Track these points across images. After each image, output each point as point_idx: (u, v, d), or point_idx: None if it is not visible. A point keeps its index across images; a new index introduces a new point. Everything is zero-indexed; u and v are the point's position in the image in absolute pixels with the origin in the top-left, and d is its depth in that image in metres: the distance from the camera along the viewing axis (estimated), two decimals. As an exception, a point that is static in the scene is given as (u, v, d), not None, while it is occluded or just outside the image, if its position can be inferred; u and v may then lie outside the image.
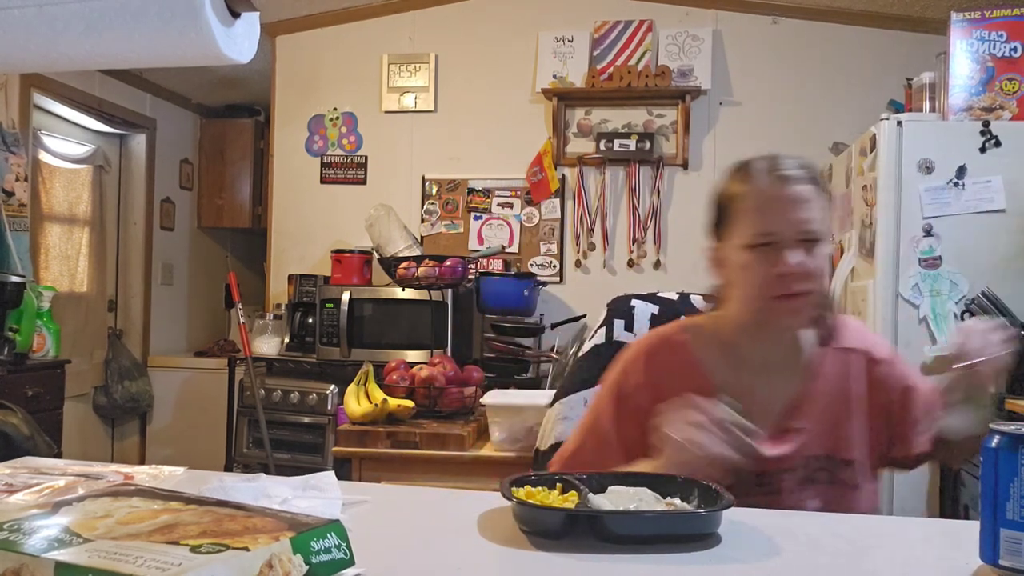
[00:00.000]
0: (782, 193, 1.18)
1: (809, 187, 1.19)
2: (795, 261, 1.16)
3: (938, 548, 0.92)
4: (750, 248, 1.19)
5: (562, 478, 1.03)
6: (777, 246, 1.17)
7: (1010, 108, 2.59)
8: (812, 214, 1.18)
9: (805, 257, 1.17)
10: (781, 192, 1.18)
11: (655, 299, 1.62)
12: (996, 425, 0.81)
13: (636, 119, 3.91)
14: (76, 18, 0.71)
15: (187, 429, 4.60)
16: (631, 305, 1.60)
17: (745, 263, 1.20)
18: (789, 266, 1.16)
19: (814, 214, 1.18)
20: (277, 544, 0.67)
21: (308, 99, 4.26)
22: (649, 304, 1.60)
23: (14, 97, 3.70)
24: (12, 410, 2.84)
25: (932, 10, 3.58)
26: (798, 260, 1.16)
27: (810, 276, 1.17)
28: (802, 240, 1.17)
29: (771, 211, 1.18)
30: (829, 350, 1.29)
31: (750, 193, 1.20)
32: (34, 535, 0.70)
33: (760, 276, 1.19)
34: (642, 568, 0.83)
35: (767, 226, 1.18)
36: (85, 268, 4.49)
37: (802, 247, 1.17)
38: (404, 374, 2.66)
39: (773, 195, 1.19)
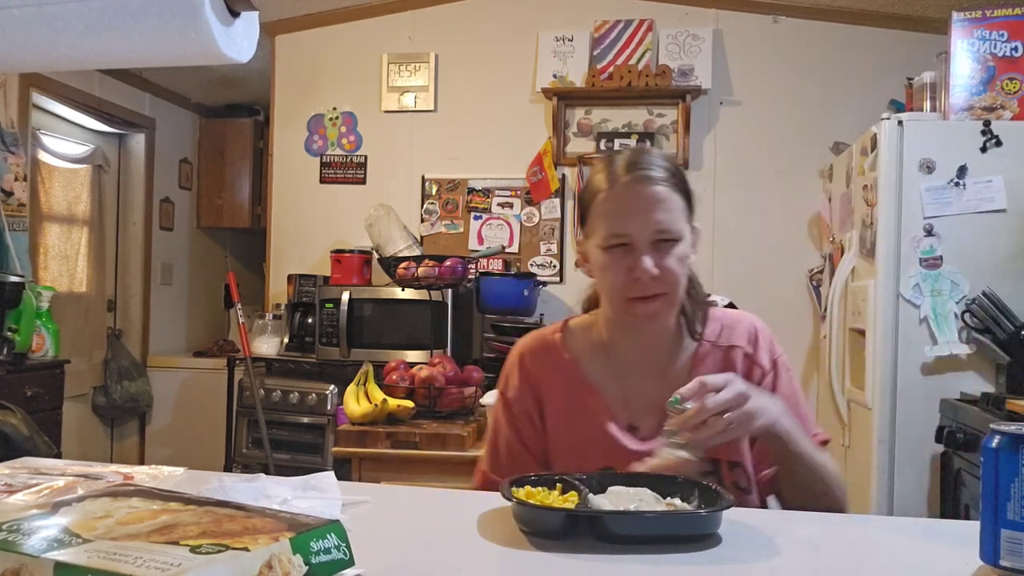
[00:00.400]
0: (637, 194, 1.18)
1: (666, 187, 1.18)
2: (648, 264, 1.15)
3: (938, 548, 0.92)
4: (606, 249, 1.19)
5: (562, 478, 1.03)
6: (631, 248, 1.17)
7: (1011, 108, 2.59)
8: (667, 216, 1.17)
9: (660, 258, 1.16)
10: (636, 193, 1.18)
11: None
12: (996, 425, 0.81)
13: (636, 119, 3.91)
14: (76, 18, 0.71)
15: (186, 429, 4.60)
16: None
17: (603, 263, 1.20)
18: (643, 269, 1.15)
19: (669, 216, 1.17)
20: (277, 544, 0.67)
21: (308, 99, 4.25)
22: None
23: (13, 97, 3.70)
24: (11, 410, 2.84)
25: (933, 9, 3.58)
26: (651, 263, 1.16)
27: (665, 278, 1.17)
28: (657, 241, 1.16)
29: (625, 212, 1.17)
30: (711, 347, 1.28)
31: (607, 192, 1.19)
32: (34, 535, 0.70)
33: (616, 277, 1.19)
34: (642, 568, 0.83)
35: (620, 227, 1.17)
36: (84, 268, 4.49)
37: (657, 248, 1.17)
38: (404, 374, 2.65)
39: (628, 196, 1.18)
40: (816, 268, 3.69)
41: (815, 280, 3.67)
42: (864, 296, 2.70)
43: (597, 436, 1.24)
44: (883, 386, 2.59)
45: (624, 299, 1.20)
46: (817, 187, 3.70)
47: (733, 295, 3.69)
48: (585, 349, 1.31)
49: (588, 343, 1.31)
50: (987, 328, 2.46)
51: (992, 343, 2.47)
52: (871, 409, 2.63)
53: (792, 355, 3.66)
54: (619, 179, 1.19)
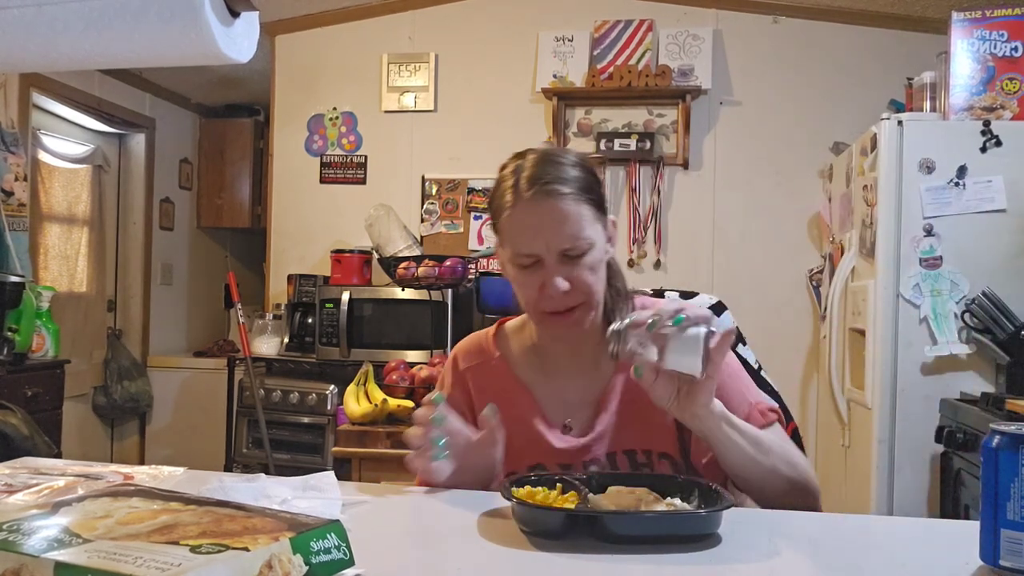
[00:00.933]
0: (541, 213, 1.14)
1: (569, 201, 1.15)
2: (559, 281, 1.14)
3: (938, 548, 0.92)
4: (517, 266, 1.18)
5: (562, 478, 1.03)
6: (540, 264, 1.16)
7: (1011, 108, 2.59)
8: (573, 229, 1.14)
9: (571, 272, 1.15)
10: (540, 212, 1.14)
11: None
12: (996, 425, 0.81)
13: (636, 119, 3.91)
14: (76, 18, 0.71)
15: (187, 429, 4.60)
16: None
17: (515, 279, 1.20)
18: (553, 286, 1.14)
19: (575, 228, 1.14)
20: (277, 544, 0.67)
21: (308, 99, 4.26)
22: None
23: (13, 97, 3.70)
24: (12, 410, 2.84)
25: (933, 10, 3.58)
26: (562, 280, 1.14)
27: (577, 291, 1.16)
28: (567, 255, 1.15)
29: (531, 232, 1.15)
30: None
31: (512, 208, 1.16)
32: (34, 535, 0.70)
33: (529, 294, 1.18)
34: (642, 568, 0.83)
35: (527, 247, 1.15)
36: (84, 268, 4.49)
37: (566, 263, 1.15)
38: (404, 374, 2.65)
39: (532, 215, 1.15)
40: (816, 268, 3.69)
41: (815, 280, 3.67)
42: (864, 296, 2.70)
43: (526, 435, 1.24)
44: (883, 386, 2.59)
45: (539, 313, 1.20)
46: (817, 187, 3.70)
47: (733, 295, 3.69)
48: (517, 350, 1.32)
49: (520, 344, 1.32)
50: (987, 328, 2.46)
51: (992, 343, 2.47)
52: (871, 409, 2.63)
53: (792, 355, 3.70)
54: (523, 196, 1.15)
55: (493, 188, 1.23)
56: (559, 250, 1.14)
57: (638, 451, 1.21)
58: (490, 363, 1.32)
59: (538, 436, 1.24)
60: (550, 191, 1.14)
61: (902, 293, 2.58)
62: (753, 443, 1.09)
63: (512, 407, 1.25)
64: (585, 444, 1.22)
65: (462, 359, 1.35)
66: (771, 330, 3.68)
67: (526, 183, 1.15)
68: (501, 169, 1.23)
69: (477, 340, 1.37)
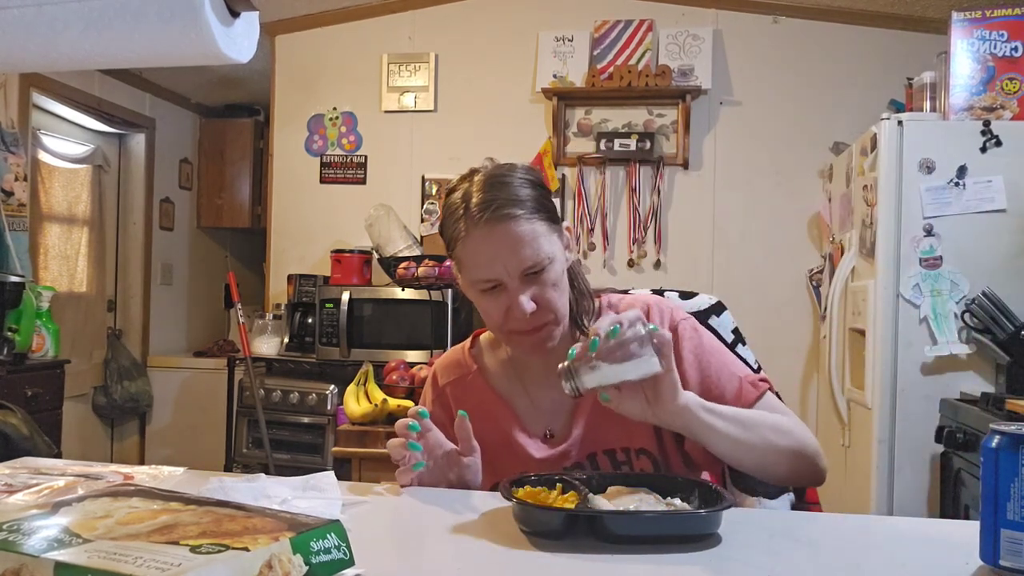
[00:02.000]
0: (496, 239, 1.14)
1: (522, 222, 1.14)
2: (524, 303, 1.14)
3: (938, 548, 0.92)
4: (478, 291, 1.18)
5: (562, 478, 1.03)
6: (503, 287, 1.16)
7: (1011, 108, 2.59)
8: (530, 250, 1.13)
9: (534, 291, 1.15)
10: (495, 238, 1.14)
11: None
12: (996, 425, 0.81)
13: (636, 119, 3.91)
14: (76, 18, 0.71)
15: (187, 429, 4.60)
16: None
17: (479, 304, 1.20)
18: (519, 308, 1.14)
19: (532, 248, 1.14)
20: (277, 544, 0.67)
21: (308, 99, 4.26)
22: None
23: (13, 97, 3.70)
24: (12, 410, 2.84)
25: (933, 10, 3.58)
26: (527, 300, 1.14)
27: (545, 307, 1.16)
28: (528, 274, 1.15)
29: (488, 259, 1.14)
30: None
31: (465, 240, 1.16)
32: (34, 535, 0.70)
33: (495, 318, 1.19)
34: (642, 568, 0.83)
35: (488, 274, 1.15)
36: (84, 268, 4.49)
37: (528, 282, 1.15)
38: (404, 374, 2.66)
39: (487, 242, 1.14)
40: (816, 268, 3.69)
41: (815, 280, 3.67)
42: (864, 296, 2.70)
43: (506, 446, 1.25)
44: (883, 386, 2.59)
45: (508, 333, 1.20)
46: (817, 187, 3.70)
47: (733, 295, 3.69)
48: (493, 362, 1.33)
49: (495, 356, 1.33)
50: (987, 328, 2.46)
51: (992, 343, 2.47)
52: (871, 409, 2.63)
53: (792, 355, 3.71)
54: (476, 223, 1.14)
55: (443, 215, 1.22)
56: (519, 272, 1.14)
57: (617, 450, 1.21)
58: (468, 377, 1.33)
59: (518, 447, 1.25)
60: (502, 216, 1.13)
61: (902, 293, 2.58)
62: (737, 424, 1.08)
63: (491, 420, 1.26)
64: (564, 450, 1.22)
65: (441, 375, 1.36)
66: (771, 330, 3.68)
67: (477, 209, 1.14)
68: (448, 194, 1.22)
69: (454, 355, 1.37)
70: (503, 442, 1.25)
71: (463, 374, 1.34)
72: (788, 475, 1.13)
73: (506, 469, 1.22)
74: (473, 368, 1.33)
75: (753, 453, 1.09)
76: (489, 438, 1.23)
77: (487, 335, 1.38)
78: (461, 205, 1.17)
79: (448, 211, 1.20)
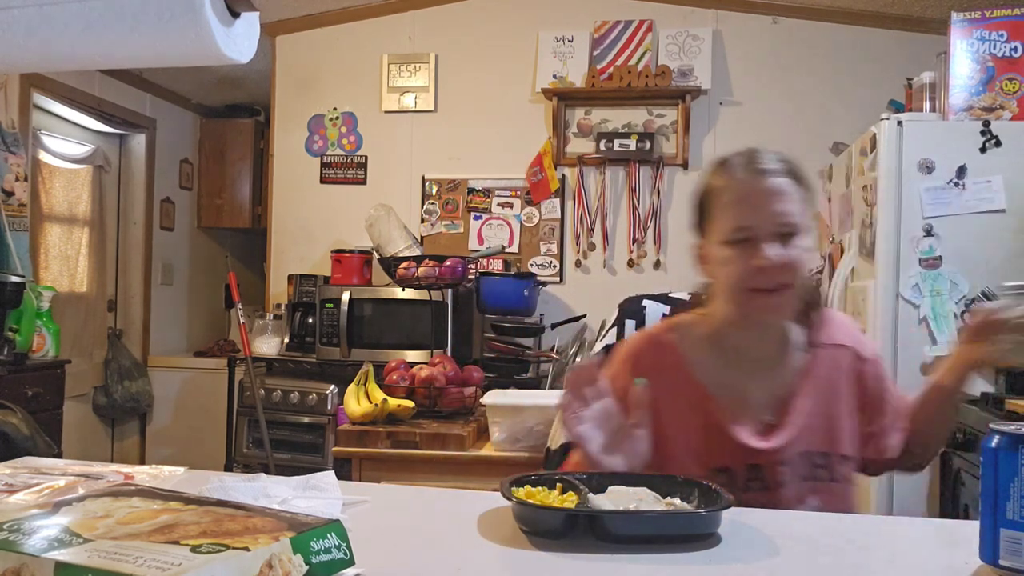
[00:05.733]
0: (758, 187, 1.19)
1: (786, 180, 1.20)
2: (773, 254, 1.16)
3: (938, 548, 0.92)
4: (729, 243, 1.20)
5: (562, 478, 1.03)
6: (754, 240, 1.18)
7: (1010, 108, 2.58)
8: (789, 207, 1.18)
9: (783, 250, 1.17)
10: (757, 186, 1.19)
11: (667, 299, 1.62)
12: (996, 425, 0.81)
13: (636, 119, 3.91)
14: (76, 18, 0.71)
15: (187, 429, 4.60)
16: (642, 305, 1.61)
17: (725, 258, 1.21)
18: (767, 259, 1.16)
19: (791, 207, 1.19)
20: (277, 544, 0.67)
21: (308, 99, 4.26)
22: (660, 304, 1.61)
23: (14, 97, 3.70)
24: (12, 410, 2.84)
25: (932, 10, 3.58)
26: (775, 253, 1.16)
27: (789, 268, 1.17)
28: (779, 233, 1.18)
29: (747, 205, 1.19)
30: (820, 346, 1.29)
31: (727, 188, 1.22)
32: (34, 535, 0.70)
33: (739, 270, 1.19)
34: (642, 568, 0.83)
35: (744, 220, 1.18)
36: (85, 268, 4.49)
37: (780, 240, 1.17)
38: (404, 374, 2.66)
39: (749, 189, 1.20)
40: (816, 268, 3.69)
41: (815, 280, 3.67)
42: (864, 296, 2.70)
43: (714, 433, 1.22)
44: (883, 386, 2.59)
45: (746, 290, 1.19)
46: (816, 187, 3.70)
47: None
48: (694, 346, 1.29)
49: (697, 339, 1.30)
50: (987, 328, 2.45)
51: (992, 343, 2.46)
52: (871, 409, 2.63)
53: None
54: (738, 175, 1.21)
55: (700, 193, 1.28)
56: (775, 223, 1.17)
57: (832, 454, 1.23)
58: (669, 361, 1.28)
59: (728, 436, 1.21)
60: (767, 169, 1.20)
61: (902, 293, 2.58)
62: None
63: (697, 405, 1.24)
64: (780, 444, 1.21)
65: (636, 358, 1.31)
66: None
67: (740, 167, 1.22)
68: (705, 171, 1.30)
69: (651, 337, 1.34)
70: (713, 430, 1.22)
71: (664, 360, 1.29)
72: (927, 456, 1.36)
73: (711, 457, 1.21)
74: (676, 353, 1.29)
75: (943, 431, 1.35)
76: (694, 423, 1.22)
77: (686, 319, 1.34)
78: (722, 170, 1.24)
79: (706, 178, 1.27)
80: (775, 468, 1.20)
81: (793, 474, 1.21)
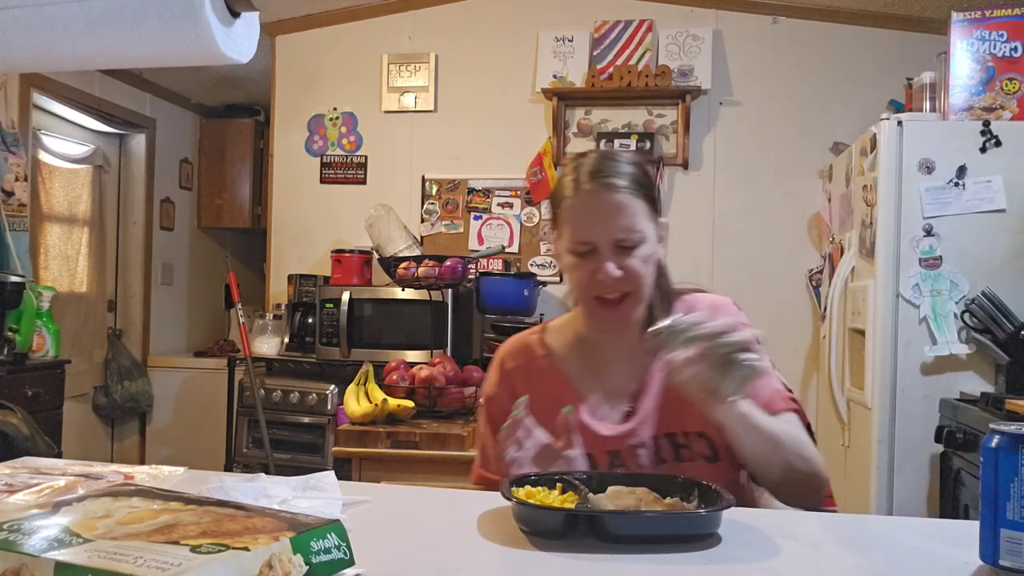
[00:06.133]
0: (599, 203, 1.22)
1: (626, 194, 1.22)
2: (611, 268, 1.21)
3: (938, 548, 0.92)
4: (572, 253, 1.24)
5: (562, 478, 1.03)
6: (595, 253, 1.22)
7: (1010, 108, 2.59)
8: (629, 221, 1.21)
9: (624, 262, 1.22)
10: (598, 202, 1.22)
11: None
12: (996, 425, 0.81)
13: (636, 119, 3.91)
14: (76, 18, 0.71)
15: (187, 429, 4.60)
16: None
17: (570, 265, 1.26)
18: (605, 273, 1.21)
19: (631, 221, 1.22)
20: (277, 544, 0.67)
21: (308, 99, 4.26)
22: None
23: (14, 97, 3.70)
24: (12, 410, 2.84)
25: (932, 10, 3.58)
26: (615, 268, 1.21)
27: (629, 280, 1.22)
28: (620, 247, 1.21)
29: (589, 220, 1.22)
30: None
31: (572, 199, 1.24)
32: (34, 535, 0.70)
33: (583, 279, 1.25)
34: (642, 568, 0.83)
35: (585, 235, 1.22)
36: (85, 268, 4.49)
37: (620, 252, 1.22)
38: (404, 374, 2.66)
39: (590, 205, 1.23)
40: (816, 268, 3.69)
41: (815, 280, 3.67)
42: (864, 296, 2.70)
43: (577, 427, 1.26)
44: (883, 386, 2.59)
45: (590, 298, 1.26)
46: (817, 187, 3.70)
47: (733, 295, 3.67)
48: (562, 346, 1.37)
49: (564, 339, 1.38)
50: (986, 328, 2.46)
51: (991, 343, 2.47)
52: (871, 409, 2.63)
53: (792, 355, 3.70)
54: (583, 186, 1.23)
55: (555, 186, 1.31)
56: (613, 239, 1.21)
57: (678, 433, 1.25)
58: (535, 361, 1.37)
59: (584, 427, 1.27)
60: (608, 184, 1.22)
61: (902, 293, 2.58)
62: (771, 439, 1.14)
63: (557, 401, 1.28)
64: (631, 428, 1.26)
65: (508, 359, 1.40)
66: (771, 330, 3.65)
67: (587, 176, 1.24)
68: (563, 166, 1.32)
69: (522, 340, 1.42)
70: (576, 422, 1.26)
71: (531, 358, 1.38)
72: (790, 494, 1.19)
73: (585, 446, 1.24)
74: (541, 352, 1.37)
75: (775, 468, 1.16)
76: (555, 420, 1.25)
77: (557, 321, 1.43)
78: (572, 172, 1.26)
79: (559, 179, 1.30)
80: (634, 452, 1.25)
81: (653, 457, 1.25)
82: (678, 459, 1.24)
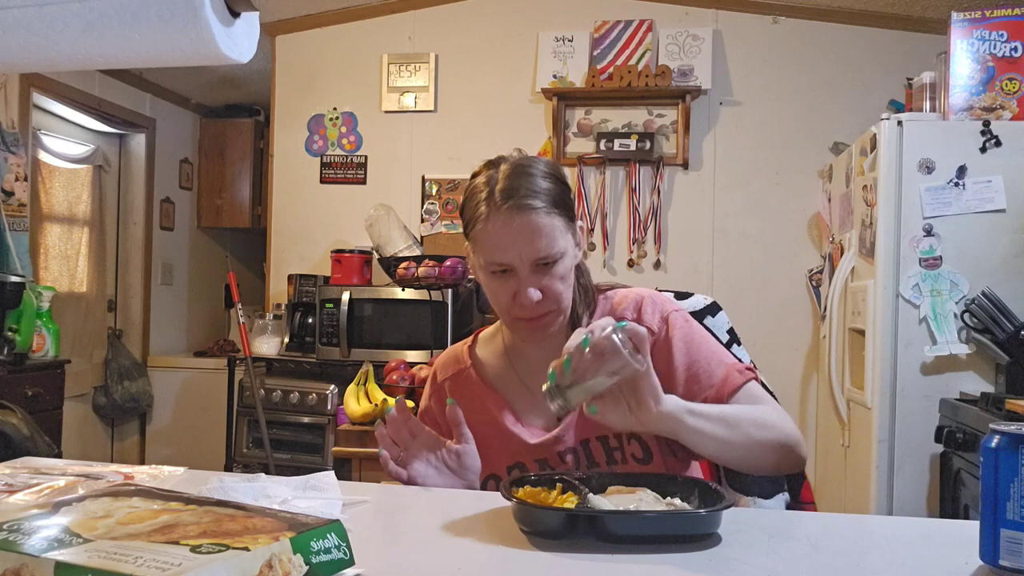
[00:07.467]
0: (514, 226, 1.17)
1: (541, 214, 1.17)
2: (532, 293, 1.19)
3: (938, 548, 0.92)
4: (489, 272, 1.22)
5: (562, 478, 1.03)
6: (513, 273, 1.20)
7: (1010, 108, 2.59)
8: (544, 241, 1.18)
9: (541, 280, 1.19)
10: (513, 225, 1.17)
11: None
12: (996, 425, 0.81)
13: (636, 119, 3.91)
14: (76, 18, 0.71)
15: (187, 429, 4.60)
16: None
17: (488, 285, 1.25)
18: (526, 296, 1.19)
19: (546, 240, 1.18)
20: (277, 544, 0.67)
21: (308, 99, 4.26)
22: None
23: (14, 97, 3.70)
24: (12, 410, 2.84)
25: (932, 10, 3.58)
26: (534, 289, 1.19)
27: (549, 297, 1.20)
28: (538, 266, 1.19)
29: (505, 244, 1.18)
30: None
31: (485, 223, 1.20)
32: (34, 535, 0.70)
33: (501, 300, 1.23)
34: (642, 568, 0.83)
35: (501, 257, 1.19)
36: (85, 268, 4.49)
37: (538, 272, 1.19)
38: (404, 374, 2.66)
39: (505, 228, 1.18)
40: (816, 268, 3.69)
41: (815, 280, 3.68)
42: (864, 296, 2.70)
43: (500, 436, 1.28)
44: (883, 386, 2.59)
45: (512, 318, 1.24)
46: (817, 187, 3.70)
47: (733, 295, 3.69)
48: (489, 356, 1.37)
49: (492, 350, 1.37)
50: (986, 328, 2.46)
51: (991, 343, 2.47)
52: (871, 409, 2.63)
53: (792, 355, 3.71)
54: (497, 208, 1.18)
55: (466, 196, 1.26)
56: (531, 261, 1.18)
57: (610, 436, 1.23)
58: (464, 372, 1.37)
59: (512, 435, 1.27)
60: (523, 205, 1.17)
61: (902, 293, 2.58)
62: (722, 424, 1.09)
63: (486, 411, 1.29)
64: (557, 435, 1.24)
65: (440, 371, 1.41)
66: (771, 330, 3.68)
67: (500, 196, 1.18)
68: (473, 177, 1.25)
69: (453, 352, 1.42)
70: (498, 432, 1.28)
71: (460, 369, 1.37)
72: (773, 467, 1.15)
73: (503, 458, 1.26)
74: (469, 363, 1.37)
75: (738, 451, 1.11)
76: (484, 429, 1.26)
77: (486, 331, 1.42)
78: (485, 189, 1.21)
79: (470, 192, 1.24)
80: (563, 458, 1.23)
81: (584, 462, 1.23)
82: (611, 462, 1.22)
